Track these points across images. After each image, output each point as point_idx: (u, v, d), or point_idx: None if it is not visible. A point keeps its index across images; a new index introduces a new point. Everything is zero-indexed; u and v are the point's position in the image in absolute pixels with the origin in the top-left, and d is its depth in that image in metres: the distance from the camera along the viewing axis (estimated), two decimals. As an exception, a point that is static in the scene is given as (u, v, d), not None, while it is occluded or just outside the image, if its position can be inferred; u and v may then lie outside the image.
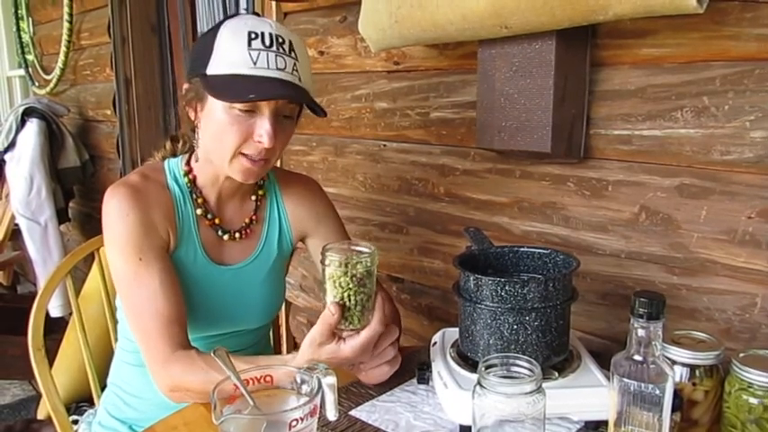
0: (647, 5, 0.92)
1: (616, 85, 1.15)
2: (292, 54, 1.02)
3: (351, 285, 0.91)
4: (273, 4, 1.82)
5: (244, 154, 1.04)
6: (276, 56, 1.00)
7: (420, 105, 1.52)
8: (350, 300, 0.92)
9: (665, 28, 1.07)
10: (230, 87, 0.99)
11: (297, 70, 1.02)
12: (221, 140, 1.03)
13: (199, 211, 1.14)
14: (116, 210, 1.06)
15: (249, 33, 0.99)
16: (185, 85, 1.09)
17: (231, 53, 0.99)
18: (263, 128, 1.01)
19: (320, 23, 1.74)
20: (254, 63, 0.99)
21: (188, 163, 1.16)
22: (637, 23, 1.09)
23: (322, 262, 0.92)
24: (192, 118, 1.10)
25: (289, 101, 1.04)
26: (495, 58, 1.21)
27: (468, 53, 1.36)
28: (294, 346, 2.10)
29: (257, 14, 1.08)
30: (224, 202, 1.17)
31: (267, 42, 1.00)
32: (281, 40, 1.01)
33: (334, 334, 0.93)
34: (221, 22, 1.03)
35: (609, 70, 1.16)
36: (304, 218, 1.25)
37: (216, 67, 1.01)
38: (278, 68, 1.00)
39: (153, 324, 1.03)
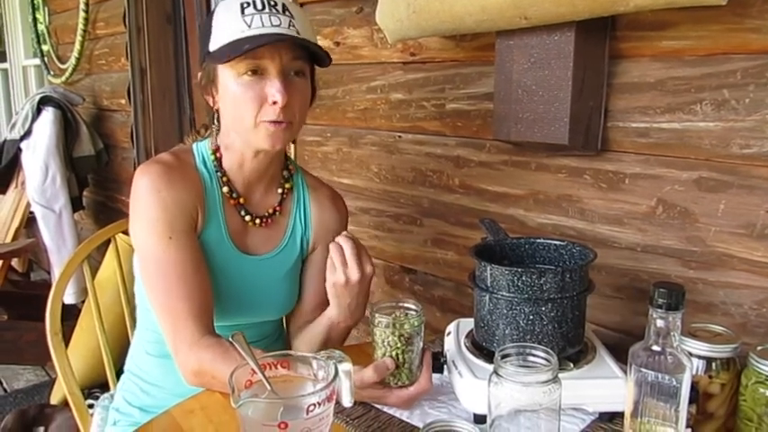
0: (668, -4, 0.91)
1: (635, 77, 1.15)
2: (286, 13, 1.04)
3: (399, 344, 0.93)
4: (289, -6, 1.82)
5: (264, 121, 1.05)
6: (270, 15, 1.02)
7: (436, 97, 1.52)
8: (398, 358, 0.94)
9: (685, 20, 1.06)
10: (228, 50, 1.01)
11: (293, 26, 1.03)
12: (239, 112, 1.04)
13: (225, 189, 1.14)
14: (148, 187, 1.06)
15: (241, 4, 1.02)
16: (199, 74, 1.11)
17: (227, 25, 1.02)
18: (273, 87, 1.02)
19: (336, 14, 1.74)
20: (249, 26, 1.01)
21: (215, 144, 1.16)
22: (657, 15, 1.08)
23: (371, 322, 0.94)
24: (211, 104, 1.11)
25: (285, 45, 1.03)
26: (513, 50, 1.21)
27: (485, 44, 1.36)
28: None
29: None
30: (250, 186, 1.17)
31: (259, 6, 1.02)
32: (273, 2, 1.03)
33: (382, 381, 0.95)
34: (216, 6, 1.06)
35: (628, 62, 1.15)
36: (323, 227, 1.24)
37: (216, 41, 1.03)
38: (272, 25, 1.01)
39: (182, 305, 1.03)
